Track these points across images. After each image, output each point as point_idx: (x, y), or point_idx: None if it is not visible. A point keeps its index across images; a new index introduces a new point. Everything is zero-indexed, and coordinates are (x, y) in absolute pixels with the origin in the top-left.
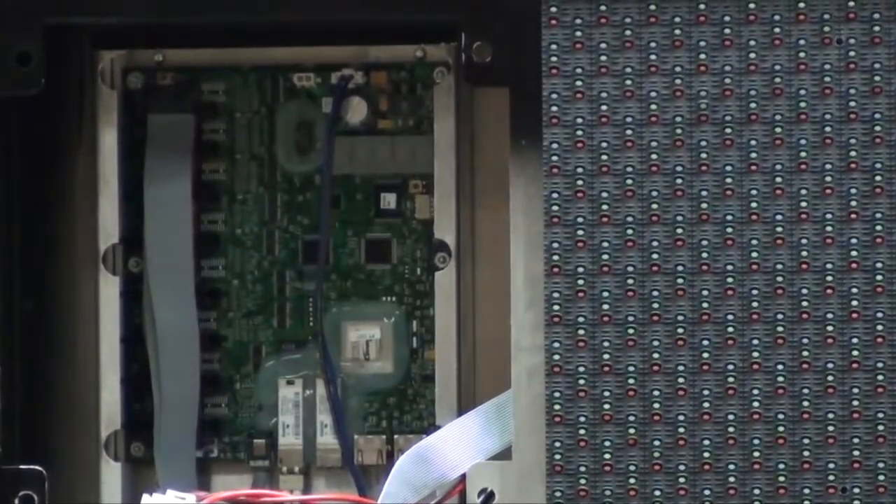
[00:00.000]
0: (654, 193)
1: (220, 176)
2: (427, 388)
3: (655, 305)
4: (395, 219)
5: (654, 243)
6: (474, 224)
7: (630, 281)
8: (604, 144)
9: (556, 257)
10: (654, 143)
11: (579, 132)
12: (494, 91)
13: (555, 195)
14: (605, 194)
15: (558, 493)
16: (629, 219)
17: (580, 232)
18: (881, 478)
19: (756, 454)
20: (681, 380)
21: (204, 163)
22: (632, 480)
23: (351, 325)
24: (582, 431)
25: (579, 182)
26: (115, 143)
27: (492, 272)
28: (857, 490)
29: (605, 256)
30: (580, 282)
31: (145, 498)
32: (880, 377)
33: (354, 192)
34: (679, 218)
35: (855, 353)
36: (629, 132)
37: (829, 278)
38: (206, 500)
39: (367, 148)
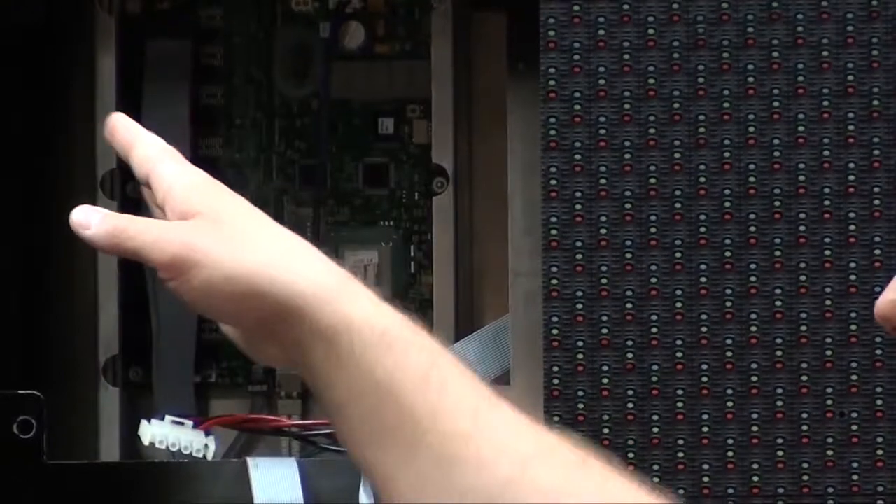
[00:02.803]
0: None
1: (217, 101)
2: (425, 313)
3: (653, 233)
4: (393, 143)
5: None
6: (472, 149)
7: (627, 206)
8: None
9: (553, 182)
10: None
11: (576, 57)
12: (492, 15)
13: (552, 120)
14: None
15: (556, 418)
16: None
17: (577, 157)
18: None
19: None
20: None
21: (201, 88)
22: (629, 405)
23: (349, 250)
24: (580, 356)
25: (576, 107)
26: (112, 69)
27: (489, 197)
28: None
29: (603, 181)
30: (577, 206)
31: (144, 425)
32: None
33: (352, 117)
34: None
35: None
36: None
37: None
38: (203, 424)
39: (364, 73)
